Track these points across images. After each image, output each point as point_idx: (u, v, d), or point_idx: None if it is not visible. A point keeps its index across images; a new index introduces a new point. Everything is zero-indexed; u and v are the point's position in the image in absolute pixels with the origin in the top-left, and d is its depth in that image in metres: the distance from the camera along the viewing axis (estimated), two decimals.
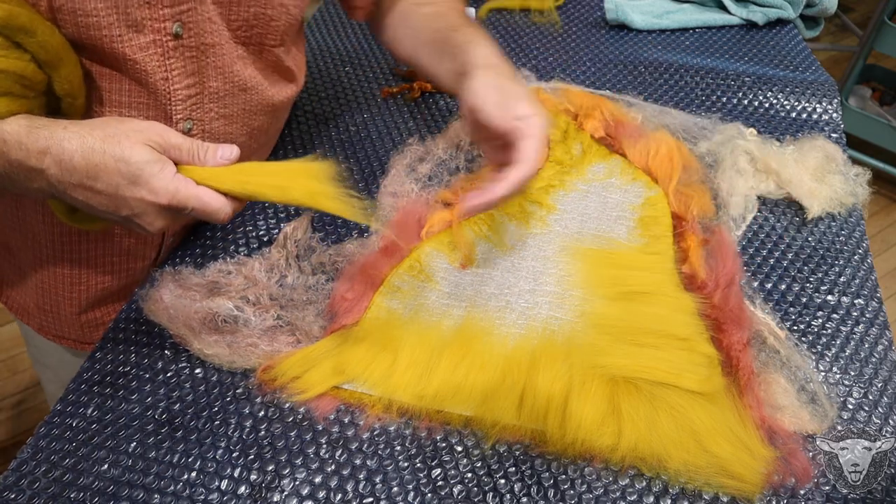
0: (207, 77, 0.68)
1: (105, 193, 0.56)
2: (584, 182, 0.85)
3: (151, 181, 0.56)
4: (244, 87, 0.72)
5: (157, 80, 0.64)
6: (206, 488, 0.58)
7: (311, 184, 0.60)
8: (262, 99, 0.75)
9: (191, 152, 0.58)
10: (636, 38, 1.14)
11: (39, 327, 0.84)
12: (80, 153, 0.55)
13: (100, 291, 0.79)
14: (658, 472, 0.59)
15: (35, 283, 0.79)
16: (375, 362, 0.64)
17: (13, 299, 0.85)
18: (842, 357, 0.68)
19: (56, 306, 0.80)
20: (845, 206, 0.83)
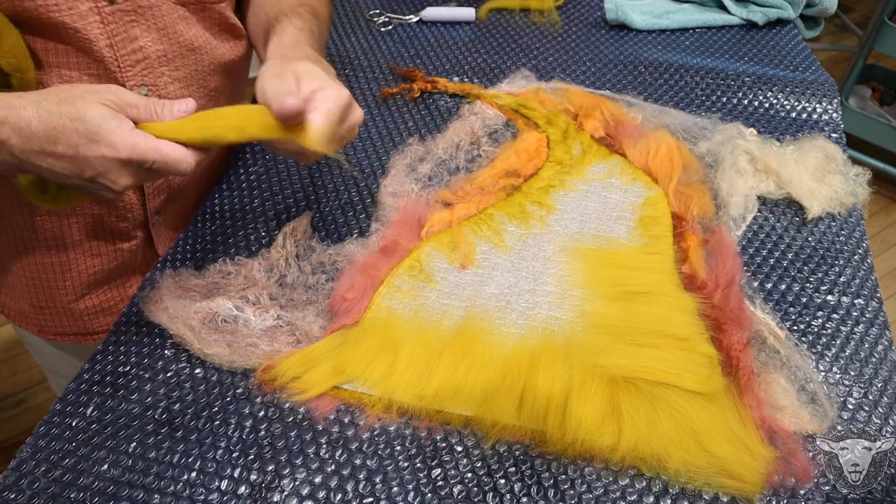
0: (151, 40, 0.68)
1: (66, 156, 0.56)
2: (584, 182, 0.85)
3: (110, 137, 0.55)
4: (191, 47, 0.71)
5: (102, 48, 0.64)
6: (206, 488, 0.58)
7: (268, 119, 0.59)
8: (214, 58, 0.75)
9: (147, 109, 0.58)
10: (636, 38, 1.14)
11: (39, 329, 0.84)
12: (37, 118, 0.55)
13: (91, 276, 0.79)
14: (658, 472, 0.59)
15: (25, 281, 0.79)
16: (375, 362, 0.64)
17: (7, 305, 0.84)
18: (842, 357, 0.68)
19: (51, 300, 0.80)
20: (845, 206, 0.83)
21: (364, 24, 1.17)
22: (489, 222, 0.79)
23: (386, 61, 1.08)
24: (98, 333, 0.84)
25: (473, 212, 0.80)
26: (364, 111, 0.97)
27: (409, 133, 0.93)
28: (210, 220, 0.82)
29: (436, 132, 0.93)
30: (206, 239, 0.79)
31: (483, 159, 0.88)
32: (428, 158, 0.87)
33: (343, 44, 1.12)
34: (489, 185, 0.83)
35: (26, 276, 0.78)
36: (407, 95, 1.00)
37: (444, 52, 1.10)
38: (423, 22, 1.17)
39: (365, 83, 1.03)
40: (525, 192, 0.83)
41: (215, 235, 0.80)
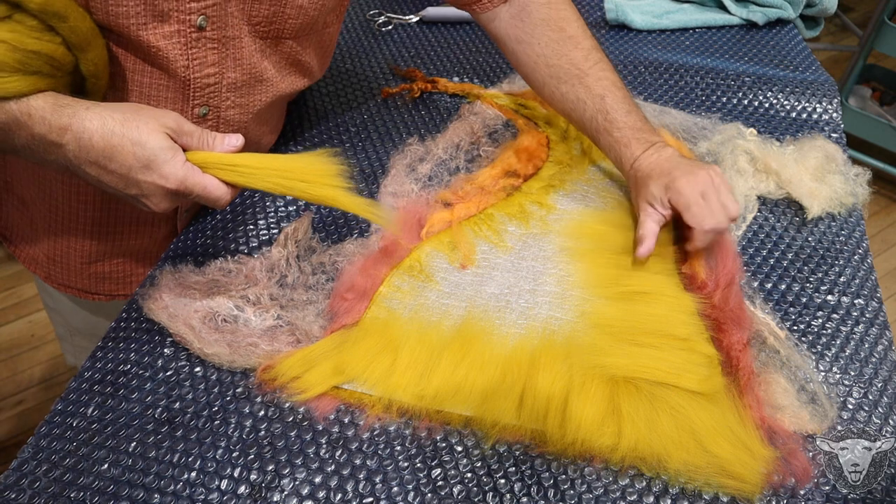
0: (227, 68, 0.71)
1: (117, 173, 0.60)
2: (584, 182, 0.85)
3: (164, 167, 0.60)
4: (260, 78, 0.75)
5: (178, 68, 0.67)
6: (206, 488, 0.58)
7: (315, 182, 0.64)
8: (277, 90, 0.78)
9: (201, 140, 0.63)
10: (636, 38, 1.14)
11: (46, 276, 0.86)
12: (100, 134, 0.58)
13: (109, 248, 0.82)
14: (658, 472, 0.59)
15: (47, 235, 0.82)
16: (375, 362, 0.64)
17: (23, 249, 0.87)
18: (842, 357, 0.68)
19: (65, 257, 0.83)
20: (845, 206, 0.83)
21: (364, 24, 1.17)
22: (489, 222, 0.79)
23: (386, 61, 1.08)
24: (99, 294, 0.87)
25: (473, 212, 0.80)
26: (364, 111, 0.98)
27: (409, 133, 0.93)
28: (211, 219, 0.82)
29: (436, 132, 0.93)
30: (206, 238, 0.79)
31: (483, 159, 0.88)
32: (428, 158, 0.87)
33: (343, 44, 1.12)
34: (489, 185, 0.83)
35: (49, 231, 0.81)
36: (407, 95, 1.00)
37: (444, 52, 1.10)
38: (423, 22, 1.17)
39: (365, 83, 1.03)
40: (525, 192, 0.83)
41: (216, 234, 0.80)
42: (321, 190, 0.65)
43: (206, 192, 0.62)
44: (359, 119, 0.96)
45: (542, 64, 0.82)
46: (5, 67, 0.56)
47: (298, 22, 0.73)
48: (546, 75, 0.82)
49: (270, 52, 0.74)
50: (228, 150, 0.64)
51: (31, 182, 0.78)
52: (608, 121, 0.78)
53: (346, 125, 0.95)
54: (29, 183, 0.78)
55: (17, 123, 0.58)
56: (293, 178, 0.64)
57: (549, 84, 0.82)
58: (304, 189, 0.64)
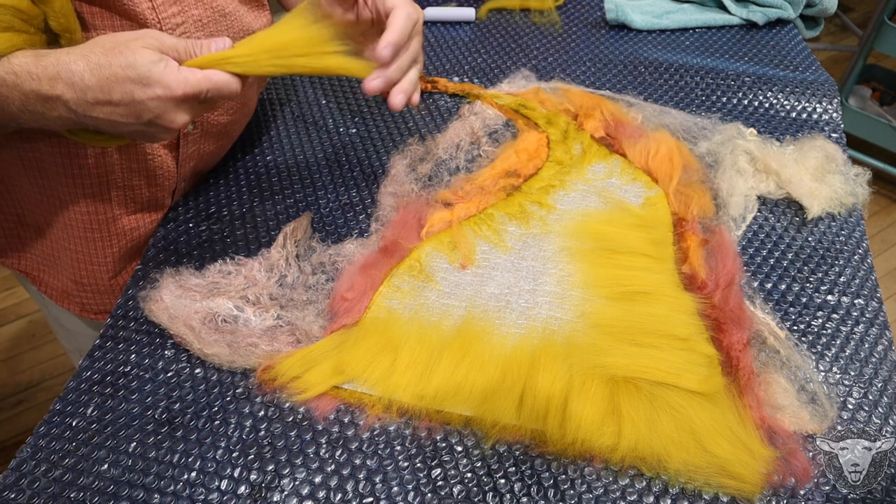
0: (189, 5, 0.71)
1: (123, 103, 0.59)
2: (584, 182, 0.85)
3: (162, 78, 0.58)
4: (223, 13, 0.75)
5: (144, 11, 0.67)
6: (206, 488, 0.58)
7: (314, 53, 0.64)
8: (242, 25, 0.78)
9: (186, 50, 0.62)
10: (636, 38, 1.14)
11: (82, 308, 0.86)
12: (89, 70, 0.57)
13: (128, 249, 0.82)
14: (658, 472, 0.59)
15: (69, 258, 0.81)
16: (375, 362, 0.64)
17: (52, 286, 0.86)
18: (842, 357, 0.68)
19: (92, 276, 0.82)
20: (845, 206, 0.83)
21: None
22: (489, 222, 0.79)
23: None
24: None
25: (473, 212, 0.80)
26: (364, 111, 0.98)
27: (409, 133, 0.93)
28: (210, 220, 0.82)
29: (436, 132, 0.93)
30: (205, 238, 0.79)
31: (483, 159, 0.88)
32: (428, 158, 0.87)
33: None
34: (489, 185, 0.83)
35: (70, 251, 0.81)
36: None
37: (444, 52, 1.10)
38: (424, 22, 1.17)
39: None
40: (525, 192, 0.83)
41: (215, 235, 0.80)
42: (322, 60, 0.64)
43: (212, 84, 0.61)
44: (359, 119, 0.96)
45: None
46: None
47: None
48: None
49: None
50: (218, 50, 0.62)
51: (40, 199, 0.77)
52: None
53: (346, 125, 0.95)
54: (37, 202, 0.77)
55: (5, 85, 0.57)
56: (291, 54, 0.64)
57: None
58: (304, 64, 0.64)
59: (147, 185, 0.78)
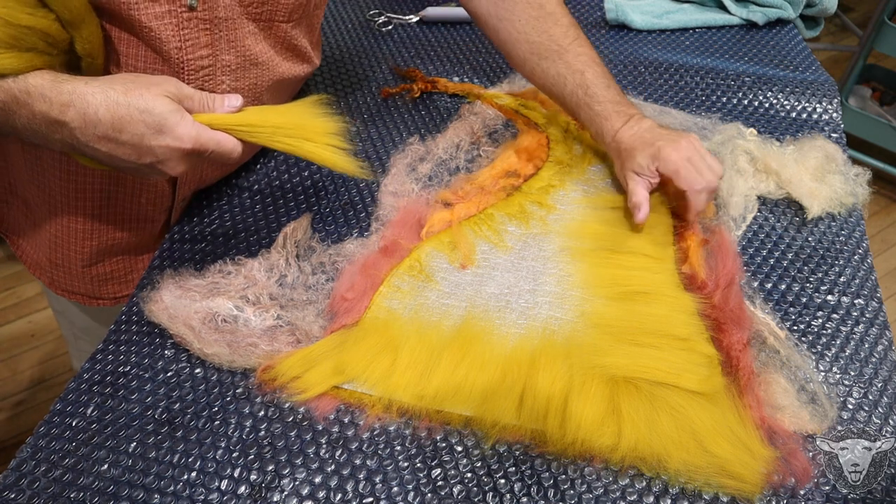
0: (220, 50, 0.71)
1: (129, 144, 0.59)
2: (584, 182, 0.85)
3: (176, 129, 0.60)
4: (255, 61, 0.75)
5: (171, 49, 0.68)
6: (206, 488, 0.58)
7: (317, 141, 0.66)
8: (274, 75, 0.78)
9: (202, 102, 0.63)
10: (636, 38, 1.14)
11: (50, 282, 0.87)
12: (105, 106, 0.58)
13: (108, 247, 0.82)
14: (658, 472, 0.59)
15: (48, 237, 0.82)
16: (375, 362, 0.64)
17: (27, 254, 0.88)
18: (842, 357, 0.68)
19: (66, 259, 0.83)
20: (845, 206, 0.83)
21: (364, 24, 1.17)
22: (489, 222, 0.79)
23: (386, 61, 1.08)
24: (103, 299, 0.87)
25: (473, 212, 0.80)
26: (364, 111, 0.98)
27: (409, 133, 0.93)
28: (210, 220, 0.82)
29: (436, 132, 0.93)
30: (205, 239, 0.79)
31: (483, 159, 0.88)
32: (428, 158, 0.87)
33: (343, 44, 1.12)
34: (489, 185, 0.83)
35: (50, 232, 0.81)
36: (407, 95, 1.00)
37: (444, 52, 1.10)
38: (423, 22, 1.17)
39: (365, 83, 1.03)
40: (525, 192, 0.83)
41: (215, 235, 0.80)
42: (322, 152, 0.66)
43: (219, 147, 0.62)
44: (359, 119, 0.96)
45: (523, 41, 0.83)
46: (0, 44, 0.56)
47: (290, 2, 0.74)
48: (527, 52, 0.84)
49: (264, 36, 0.75)
50: (229, 110, 0.64)
51: (32, 181, 0.78)
52: (588, 95, 0.80)
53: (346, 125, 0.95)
54: (30, 182, 0.79)
55: (16, 102, 0.58)
56: (296, 136, 0.65)
57: (530, 60, 0.84)
58: (307, 150, 0.66)
59: (136, 200, 0.79)
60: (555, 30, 0.82)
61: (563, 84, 0.82)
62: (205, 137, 0.61)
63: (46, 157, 0.74)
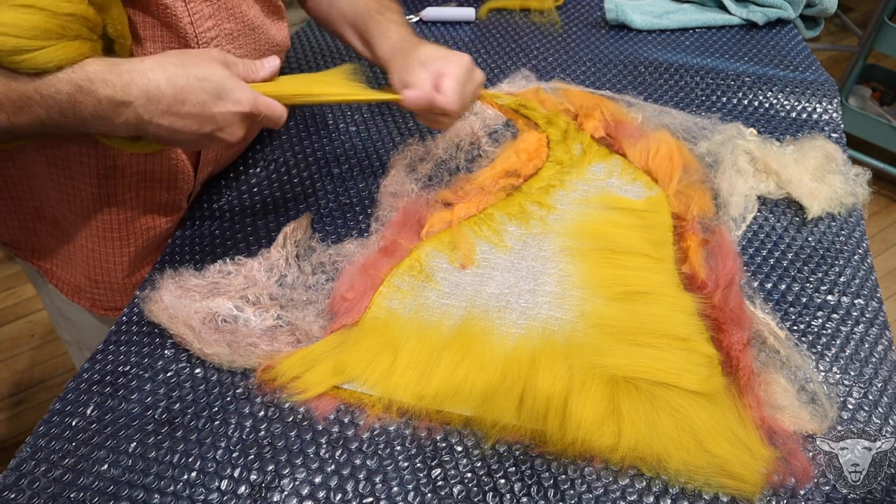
0: (221, 19, 0.73)
1: (192, 114, 0.62)
2: (584, 182, 0.85)
3: (234, 93, 0.63)
4: (251, 26, 0.77)
5: (185, 24, 0.69)
6: (206, 488, 0.58)
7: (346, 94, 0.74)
8: (268, 38, 0.80)
9: (246, 67, 0.67)
10: (636, 38, 1.14)
11: (92, 303, 0.86)
12: (166, 80, 0.60)
13: (142, 249, 0.82)
14: (658, 472, 0.59)
15: (84, 255, 0.82)
16: (375, 362, 0.64)
17: (64, 280, 0.87)
18: (842, 357, 0.68)
19: (106, 274, 0.83)
20: (845, 206, 0.83)
21: None
22: (489, 222, 0.79)
23: None
24: None
25: (473, 212, 0.80)
26: (364, 111, 0.98)
27: (409, 133, 0.93)
28: (210, 220, 0.82)
29: (436, 132, 0.93)
30: (205, 239, 0.79)
31: (483, 159, 0.88)
32: (428, 158, 0.87)
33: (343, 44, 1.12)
34: (489, 185, 0.83)
35: (86, 250, 0.81)
36: None
37: None
38: (423, 22, 1.17)
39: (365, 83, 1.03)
40: (525, 192, 0.83)
41: (215, 236, 0.80)
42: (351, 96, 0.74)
43: (271, 111, 0.66)
44: (359, 119, 0.96)
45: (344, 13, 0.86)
46: (50, 35, 0.57)
47: None
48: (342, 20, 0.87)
49: (254, 1, 0.78)
50: (270, 69, 0.68)
51: (61, 197, 0.77)
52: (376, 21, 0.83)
53: (346, 125, 0.95)
54: (59, 200, 0.78)
55: (80, 91, 0.58)
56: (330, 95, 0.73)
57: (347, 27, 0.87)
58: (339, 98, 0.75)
59: (167, 188, 0.79)
60: None
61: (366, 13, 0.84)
62: (260, 101, 0.65)
63: (75, 164, 0.74)
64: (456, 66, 0.75)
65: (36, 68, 0.56)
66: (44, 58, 0.56)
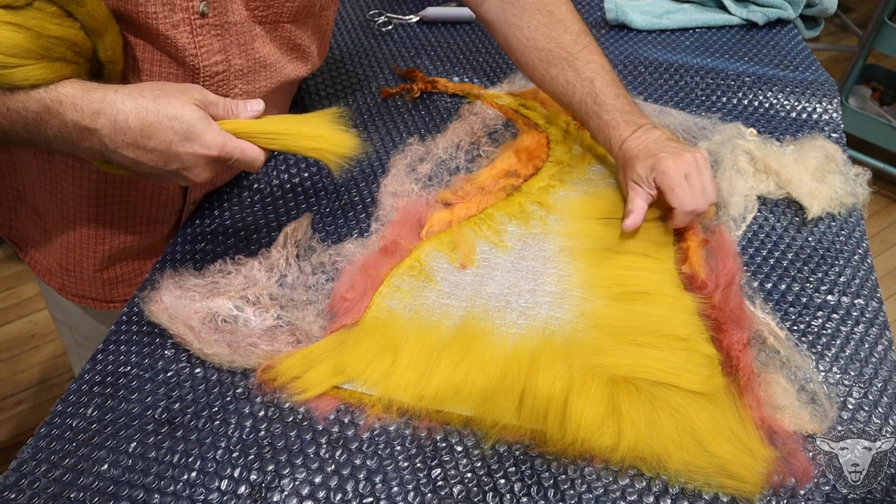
0: (232, 55, 0.72)
1: (157, 151, 0.61)
2: (584, 182, 0.85)
3: (203, 136, 0.61)
4: (264, 63, 0.76)
5: (187, 56, 0.69)
6: (206, 488, 0.58)
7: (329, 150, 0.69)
8: (281, 76, 0.79)
9: (226, 108, 0.65)
10: (636, 38, 1.14)
11: (61, 287, 0.87)
12: (135, 114, 0.59)
13: (120, 251, 0.82)
14: (658, 472, 0.59)
15: (60, 243, 0.82)
16: (375, 362, 0.64)
17: (37, 260, 0.88)
18: (842, 357, 0.68)
19: (78, 265, 0.83)
20: (845, 206, 0.83)
21: (364, 24, 1.17)
22: (489, 222, 0.79)
23: (386, 61, 1.08)
24: (114, 302, 0.87)
25: (473, 212, 0.80)
26: (364, 111, 0.98)
27: (409, 133, 0.93)
28: (210, 220, 0.82)
29: (436, 132, 0.93)
30: (206, 239, 0.79)
31: (483, 159, 0.88)
32: (428, 158, 0.87)
33: (343, 44, 1.12)
34: (489, 185, 0.83)
35: (62, 239, 0.82)
36: (407, 95, 1.00)
37: (444, 52, 1.10)
38: (423, 22, 1.17)
39: (365, 83, 1.03)
40: (525, 192, 0.83)
41: (215, 235, 0.80)
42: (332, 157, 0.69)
43: (243, 155, 0.64)
44: (359, 119, 0.96)
45: (532, 47, 0.83)
46: (31, 55, 0.57)
47: (295, 5, 0.74)
48: (536, 59, 0.83)
49: (271, 38, 0.76)
50: (252, 114, 0.66)
51: (44, 188, 0.78)
52: (597, 104, 0.80)
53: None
54: (41, 189, 0.78)
55: (48, 112, 0.58)
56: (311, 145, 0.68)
57: (539, 67, 0.84)
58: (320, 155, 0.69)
59: (149, 204, 0.79)
60: (564, 37, 0.82)
61: (573, 92, 0.82)
62: (231, 146, 0.63)
63: (59, 164, 0.74)
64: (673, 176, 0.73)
65: (10, 84, 0.57)
66: (20, 75, 0.56)
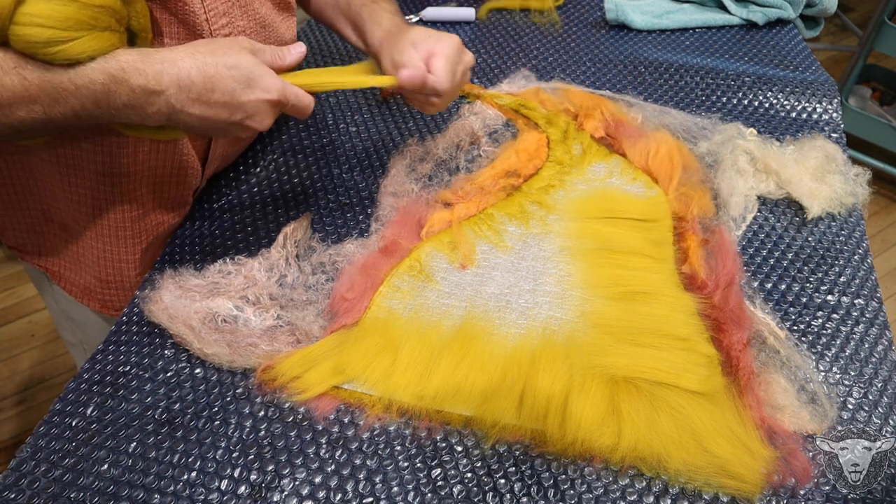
0: (235, 17, 0.74)
1: (221, 102, 0.62)
2: (584, 182, 0.85)
3: (263, 81, 0.64)
4: (263, 23, 0.78)
5: (201, 22, 0.70)
6: (206, 488, 0.58)
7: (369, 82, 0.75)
8: (278, 35, 0.81)
9: (273, 54, 0.68)
10: (636, 38, 1.14)
11: (102, 304, 0.86)
12: (196, 69, 0.61)
13: (151, 245, 0.82)
14: (658, 472, 0.59)
15: (95, 256, 0.82)
16: (375, 362, 0.64)
17: (73, 282, 0.86)
18: (842, 357, 0.68)
19: (118, 273, 0.83)
20: (845, 206, 0.83)
21: None
22: (489, 222, 0.79)
23: None
24: None
25: (473, 212, 0.80)
26: (364, 111, 0.98)
27: (409, 133, 0.93)
28: (210, 220, 0.82)
29: (436, 132, 0.93)
30: (206, 239, 0.79)
31: (483, 159, 0.88)
32: (428, 158, 0.87)
33: (343, 44, 1.12)
34: (489, 185, 0.83)
35: (97, 249, 0.81)
36: None
37: None
38: (423, 22, 1.17)
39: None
40: (525, 192, 0.83)
41: (215, 236, 0.80)
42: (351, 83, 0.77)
43: (298, 99, 0.67)
44: (359, 119, 0.96)
45: None
46: (83, 26, 0.57)
47: None
48: None
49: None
50: (298, 55, 0.69)
51: (70, 198, 0.77)
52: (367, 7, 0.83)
53: (346, 125, 0.95)
54: (66, 201, 0.77)
55: (114, 81, 0.59)
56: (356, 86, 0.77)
57: None
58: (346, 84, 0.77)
59: (176, 183, 0.80)
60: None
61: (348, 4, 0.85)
62: (289, 90, 0.65)
63: (84, 162, 0.74)
64: (446, 46, 0.75)
65: (70, 59, 0.57)
66: (77, 48, 0.57)
